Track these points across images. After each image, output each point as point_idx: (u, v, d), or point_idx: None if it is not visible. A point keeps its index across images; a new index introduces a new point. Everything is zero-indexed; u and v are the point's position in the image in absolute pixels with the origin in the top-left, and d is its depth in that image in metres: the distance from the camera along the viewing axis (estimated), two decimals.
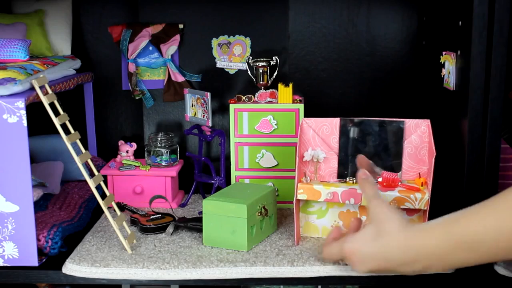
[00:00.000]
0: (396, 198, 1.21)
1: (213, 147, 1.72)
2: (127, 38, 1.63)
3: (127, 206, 1.48)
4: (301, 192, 1.26)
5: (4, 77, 1.16)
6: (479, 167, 1.15)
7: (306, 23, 1.65)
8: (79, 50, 1.67)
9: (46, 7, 1.59)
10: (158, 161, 1.55)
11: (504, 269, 1.15)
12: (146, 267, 1.18)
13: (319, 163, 1.32)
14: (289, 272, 1.18)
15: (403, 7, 1.64)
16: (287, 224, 1.39)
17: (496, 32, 1.10)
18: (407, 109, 1.66)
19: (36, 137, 1.54)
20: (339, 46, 1.66)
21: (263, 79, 1.54)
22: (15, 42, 1.32)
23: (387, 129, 1.31)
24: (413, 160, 1.30)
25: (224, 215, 1.25)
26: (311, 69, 1.68)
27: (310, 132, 1.33)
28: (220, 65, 1.68)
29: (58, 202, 1.43)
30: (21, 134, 1.13)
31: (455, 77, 1.24)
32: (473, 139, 1.15)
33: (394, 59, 1.66)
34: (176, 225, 1.36)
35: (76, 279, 1.20)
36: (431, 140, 1.26)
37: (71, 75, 1.50)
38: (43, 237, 1.22)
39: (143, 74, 1.69)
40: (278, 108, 1.48)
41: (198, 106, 1.54)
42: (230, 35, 1.66)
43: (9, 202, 1.16)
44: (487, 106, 1.13)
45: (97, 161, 1.64)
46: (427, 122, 1.29)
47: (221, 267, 1.18)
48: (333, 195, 1.24)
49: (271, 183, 1.50)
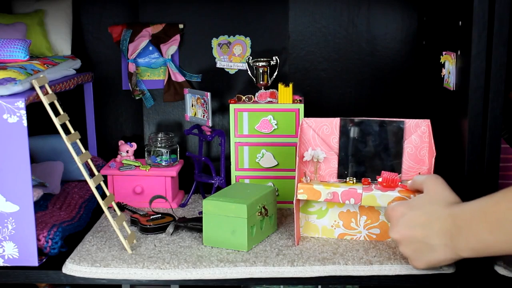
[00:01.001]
0: (396, 198, 1.21)
1: (213, 147, 1.72)
2: (127, 38, 1.63)
3: (127, 206, 1.48)
4: (301, 192, 1.26)
5: (4, 77, 1.16)
6: (479, 167, 1.15)
7: (306, 23, 1.65)
8: (79, 50, 1.67)
9: (46, 7, 1.59)
10: (158, 161, 1.55)
11: (504, 269, 1.15)
12: (146, 267, 1.18)
13: (319, 163, 1.32)
14: (289, 272, 1.18)
15: (403, 7, 1.64)
16: (287, 224, 1.39)
17: (496, 32, 1.10)
18: (407, 109, 1.66)
19: (36, 137, 1.54)
20: (339, 46, 1.66)
21: (263, 79, 1.54)
22: (15, 42, 1.32)
23: (387, 129, 1.31)
24: (413, 160, 1.30)
25: (224, 215, 1.25)
26: (311, 69, 1.68)
27: (310, 132, 1.33)
28: (220, 65, 1.68)
29: (58, 202, 1.43)
30: (21, 134, 1.13)
31: (455, 77, 1.24)
32: (473, 139, 1.15)
33: (394, 59, 1.66)
34: (176, 225, 1.36)
35: (76, 279, 1.20)
36: (431, 140, 1.26)
37: (71, 75, 1.50)
38: (43, 237, 1.22)
39: (143, 74, 1.69)
40: (278, 108, 1.48)
41: (198, 106, 1.54)
42: (230, 35, 1.66)
43: (9, 202, 1.16)
44: (487, 106, 1.13)
45: (97, 161, 1.64)
46: (427, 122, 1.29)
47: (221, 267, 1.18)
48: (333, 195, 1.24)
49: (271, 183, 1.50)
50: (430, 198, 1.09)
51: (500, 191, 0.96)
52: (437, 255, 1.05)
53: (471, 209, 1.00)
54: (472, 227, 0.98)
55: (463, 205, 1.02)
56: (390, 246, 1.27)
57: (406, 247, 1.10)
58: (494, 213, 0.94)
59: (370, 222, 1.30)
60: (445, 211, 1.04)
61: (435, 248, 1.05)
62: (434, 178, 1.14)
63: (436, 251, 1.05)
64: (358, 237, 1.30)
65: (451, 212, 1.03)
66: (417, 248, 1.08)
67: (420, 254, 1.08)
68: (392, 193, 1.22)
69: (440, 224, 1.03)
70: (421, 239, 1.06)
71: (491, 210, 0.95)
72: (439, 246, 1.04)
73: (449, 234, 1.02)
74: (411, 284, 1.19)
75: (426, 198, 1.10)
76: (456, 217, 1.01)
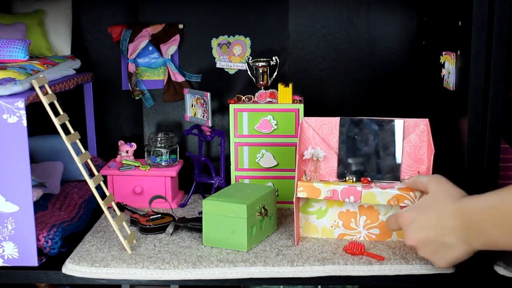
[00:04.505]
0: (395, 195, 1.22)
1: (213, 147, 1.72)
2: (127, 38, 1.63)
3: (127, 206, 1.48)
4: (301, 190, 1.26)
5: (4, 77, 1.16)
6: (479, 167, 1.15)
7: (306, 23, 1.65)
8: (79, 50, 1.67)
9: (46, 7, 1.59)
10: (158, 161, 1.55)
11: (504, 269, 1.15)
12: (146, 267, 1.18)
13: (319, 162, 1.32)
14: (289, 272, 1.18)
15: (403, 7, 1.64)
16: (287, 224, 1.39)
17: (496, 32, 1.10)
18: (406, 109, 1.66)
19: (36, 137, 1.54)
20: (339, 46, 1.66)
21: (263, 79, 1.54)
22: (15, 42, 1.32)
23: (386, 128, 1.31)
24: (412, 159, 1.30)
25: (224, 215, 1.25)
26: (311, 69, 1.68)
27: (310, 131, 1.33)
28: (220, 65, 1.68)
29: (58, 202, 1.43)
30: (21, 134, 1.13)
31: (455, 77, 1.24)
32: (473, 139, 1.15)
33: (394, 59, 1.66)
34: (176, 225, 1.36)
35: (76, 279, 1.20)
36: (430, 138, 1.26)
37: (71, 75, 1.50)
38: (43, 237, 1.22)
39: (143, 74, 1.69)
40: (278, 108, 1.48)
41: (198, 106, 1.54)
42: (230, 35, 1.66)
43: (9, 202, 1.16)
44: (487, 106, 1.13)
45: (97, 161, 1.64)
46: (426, 121, 1.30)
47: (221, 267, 1.18)
48: (332, 193, 1.24)
49: (271, 183, 1.50)
50: (436, 198, 1.09)
51: (506, 187, 0.97)
52: (455, 252, 1.06)
53: (478, 205, 1.00)
54: (480, 223, 0.99)
55: (470, 201, 1.03)
56: (390, 246, 1.27)
57: (424, 251, 1.10)
58: (500, 209, 0.95)
59: (370, 222, 1.30)
60: (453, 207, 1.05)
61: (451, 245, 1.05)
62: (436, 177, 1.14)
63: (454, 248, 1.05)
64: (358, 237, 1.30)
65: (459, 208, 1.04)
66: (435, 249, 1.08)
67: (439, 254, 1.08)
68: (391, 190, 1.22)
69: (451, 222, 1.04)
70: (436, 239, 1.07)
71: (497, 205, 0.96)
72: (455, 243, 1.04)
73: (461, 229, 1.02)
74: (411, 284, 1.19)
75: (433, 198, 1.10)
76: (464, 213, 1.02)
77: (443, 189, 1.10)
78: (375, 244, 1.28)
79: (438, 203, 1.08)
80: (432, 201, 1.10)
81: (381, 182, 1.29)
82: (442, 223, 1.05)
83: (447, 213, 1.05)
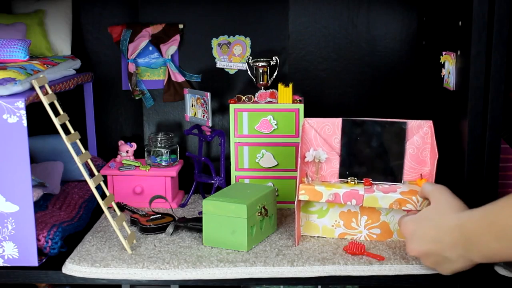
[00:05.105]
0: (397, 199, 1.21)
1: (213, 147, 1.72)
2: (127, 38, 1.63)
3: (127, 206, 1.48)
4: (302, 193, 1.26)
5: (4, 77, 1.16)
6: (479, 167, 1.15)
7: (306, 23, 1.65)
8: (79, 50, 1.67)
9: (46, 7, 1.59)
10: (158, 161, 1.55)
11: (504, 269, 1.15)
12: (146, 267, 1.18)
13: (320, 164, 1.32)
14: (289, 272, 1.18)
15: (403, 7, 1.64)
16: (287, 224, 1.39)
17: (496, 32, 1.10)
18: (406, 109, 1.66)
19: (36, 137, 1.54)
20: (339, 46, 1.66)
21: (263, 79, 1.54)
22: (15, 42, 1.32)
23: (389, 130, 1.31)
24: (415, 161, 1.30)
25: (224, 215, 1.25)
26: (311, 69, 1.68)
27: (312, 132, 1.33)
28: (220, 65, 1.68)
29: (58, 202, 1.43)
30: (21, 134, 1.13)
31: (455, 77, 1.24)
32: (473, 139, 1.15)
33: (394, 59, 1.66)
34: (176, 225, 1.35)
35: (76, 279, 1.20)
36: (434, 141, 1.26)
37: (71, 75, 1.49)
38: (43, 237, 1.22)
39: (143, 74, 1.69)
40: (278, 108, 1.48)
41: (198, 106, 1.54)
42: (230, 35, 1.66)
43: (9, 202, 1.16)
44: (487, 106, 1.13)
45: (97, 161, 1.64)
46: (430, 123, 1.29)
47: (221, 267, 1.18)
48: (334, 196, 1.24)
49: (271, 183, 1.50)
50: (437, 210, 1.10)
51: (503, 198, 0.96)
52: (456, 265, 1.06)
53: (476, 218, 1.00)
54: (479, 237, 0.98)
55: (469, 214, 1.03)
56: (390, 246, 1.27)
57: (426, 261, 1.12)
58: (498, 221, 0.95)
59: (371, 222, 1.30)
60: (452, 222, 1.04)
61: (451, 259, 1.06)
62: (440, 188, 1.14)
63: (454, 262, 1.06)
64: (359, 237, 1.30)
65: (458, 222, 1.03)
66: (436, 260, 1.09)
67: (442, 266, 1.09)
68: (394, 194, 1.22)
69: (450, 237, 1.04)
70: (436, 252, 1.08)
71: (495, 218, 0.96)
72: (454, 257, 1.05)
73: (460, 245, 1.02)
74: (411, 284, 1.19)
75: (433, 210, 1.11)
76: (463, 227, 1.02)
77: (444, 201, 1.10)
78: (375, 244, 1.28)
79: (438, 214, 1.08)
80: (432, 213, 1.10)
81: (383, 184, 1.29)
82: (441, 237, 1.06)
83: (446, 227, 1.05)
